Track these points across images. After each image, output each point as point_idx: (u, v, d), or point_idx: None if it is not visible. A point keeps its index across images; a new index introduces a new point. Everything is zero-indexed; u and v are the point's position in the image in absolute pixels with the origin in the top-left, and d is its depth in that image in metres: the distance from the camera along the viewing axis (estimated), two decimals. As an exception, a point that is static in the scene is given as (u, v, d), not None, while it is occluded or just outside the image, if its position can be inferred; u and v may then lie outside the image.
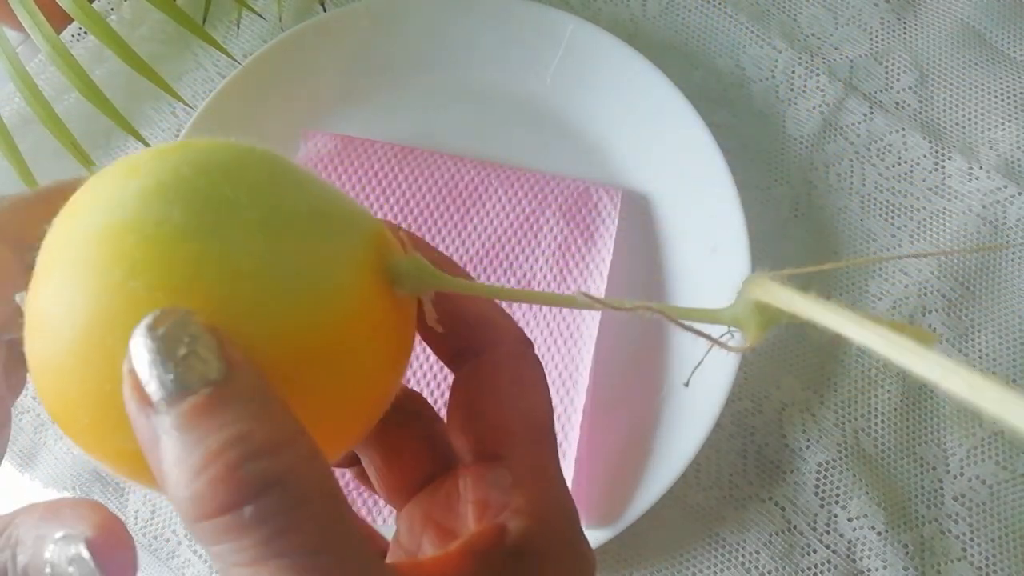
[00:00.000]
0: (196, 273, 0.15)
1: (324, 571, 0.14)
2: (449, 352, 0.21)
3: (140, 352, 0.14)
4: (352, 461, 0.23)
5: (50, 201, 0.17)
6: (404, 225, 0.41)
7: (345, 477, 0.38)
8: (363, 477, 0.23)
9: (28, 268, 0.16)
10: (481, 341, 0.20)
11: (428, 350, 0.39)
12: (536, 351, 0.20)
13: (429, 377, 0.39)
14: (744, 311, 0.16)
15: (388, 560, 0.21)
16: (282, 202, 0.16)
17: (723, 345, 0.16)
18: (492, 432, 0.19)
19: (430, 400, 0.39)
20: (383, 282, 0.17)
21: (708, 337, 0.16)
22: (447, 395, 0.39)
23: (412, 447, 0.21)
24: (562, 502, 0.19)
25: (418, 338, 0.20)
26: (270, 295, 0.15)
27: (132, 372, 0.14)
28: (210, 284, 0.15)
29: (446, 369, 0.39)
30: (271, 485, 0.13)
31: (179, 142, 0.17)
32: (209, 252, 0.15)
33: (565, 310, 0.40)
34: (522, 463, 0.19)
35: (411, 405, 0.21)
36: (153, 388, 0.14)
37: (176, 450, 0.14)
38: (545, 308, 0.40)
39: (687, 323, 0.16)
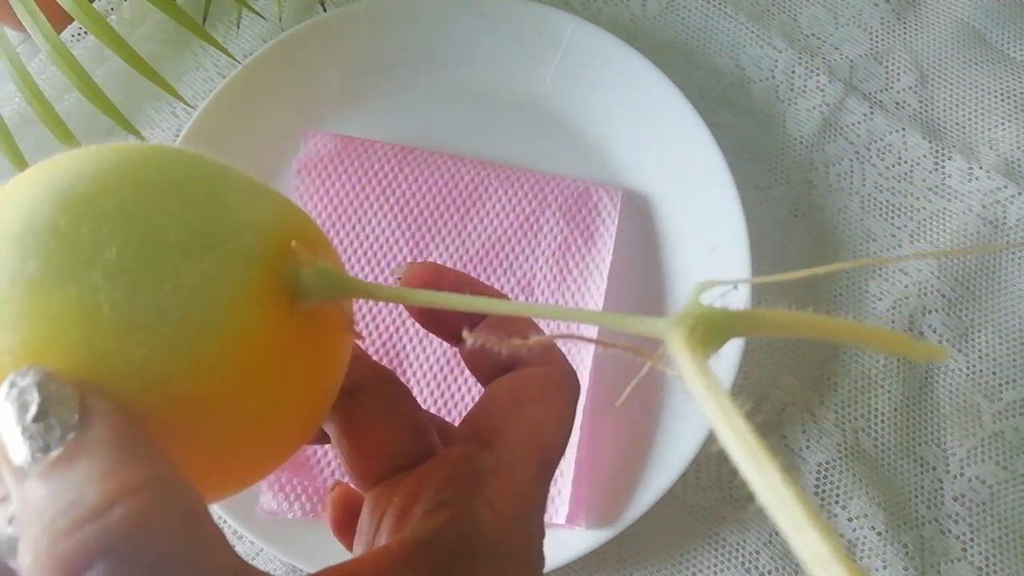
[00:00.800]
0: (56, 330, 0.13)
1: None
2: (494, 370, 0.20)
3: (1, 419, 0.13)
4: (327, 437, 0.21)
5: None
6: (404, 225, 0.41)
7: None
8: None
9: None
10: (531, 361, 0.19)
11: (424, 347, 0.39)
12: None
13: (429, 377, 0.39)
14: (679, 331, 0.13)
15: (355, 549, 0.20)
16: (147, 230, 0.14)
17: (656, 363, 0.14)
18: (494, 425, 0.18)
19: (430, 401, 0.39)
20: (281, 298, 0.15)
21: (640, 354, 0.14)
22: (446, 397, 0.39)
23: (381, 426, 0.20)
24: (533, 508, 0.18)
25: (411, 336, 0.20)
26: (136, 345, 0.14)
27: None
28: (71, 341, 0.13)
29: (445, 369, 0.39)
30: (98, 556, 0.11)
31: (49, 163, 0.16)
32: (67, 305, 0.13)
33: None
34: (509, 461, 0.18)
35: (379, 383, 0.20)
36: (15, 453, 0.12)
37: (24, 527, 0.12)
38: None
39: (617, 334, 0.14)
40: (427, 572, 0.15)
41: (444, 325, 0.20)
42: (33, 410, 0.13)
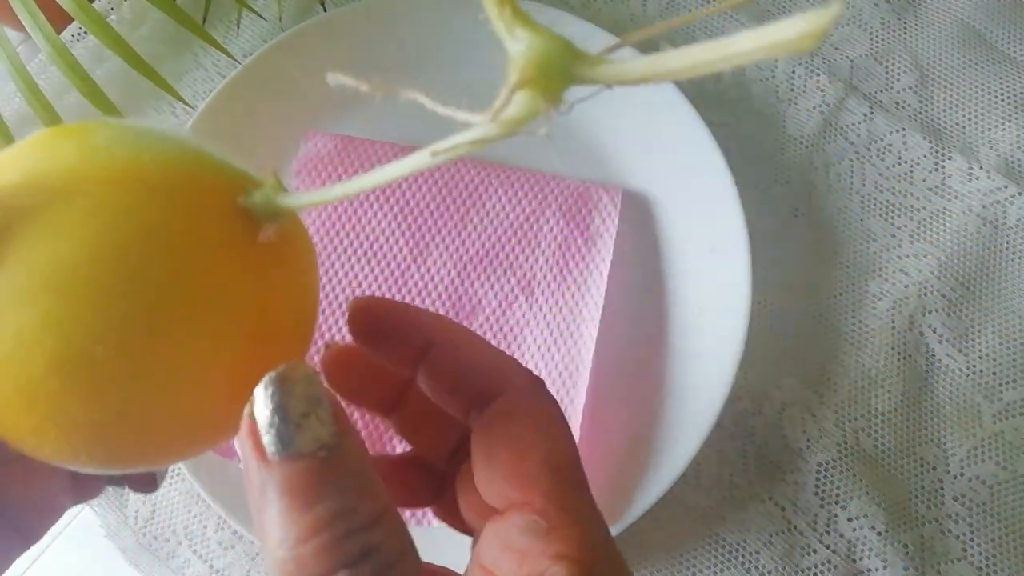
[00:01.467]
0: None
1: None
2: (462, 405, 0.20)
3: (263, 402, 0.14)
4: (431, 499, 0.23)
5: None
6: (404, 225, 0.41)
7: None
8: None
9: None
10: (491, 388, 0.20)
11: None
12: (537, 351, 0.20)
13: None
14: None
15: None
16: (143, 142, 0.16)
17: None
18: (515, 479, 0.19)
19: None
20: (228, 198, 0.16)
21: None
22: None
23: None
24: (602, 541, 0.19)
25: None
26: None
27: (251, 418, 0.15)
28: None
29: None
30: (367, 554, 0.14)
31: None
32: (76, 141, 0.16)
33: (566, 311, 0.40)
34: (552, 506, 0.18)
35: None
36: (268, 440, 0.14)
37: (284, 511, 0.14)
38: (545, 308, 0.40)
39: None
40: None
41: (398, 356, 0.21)
42: (304, 409, 0.14)
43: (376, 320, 0.21)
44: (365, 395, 0.21)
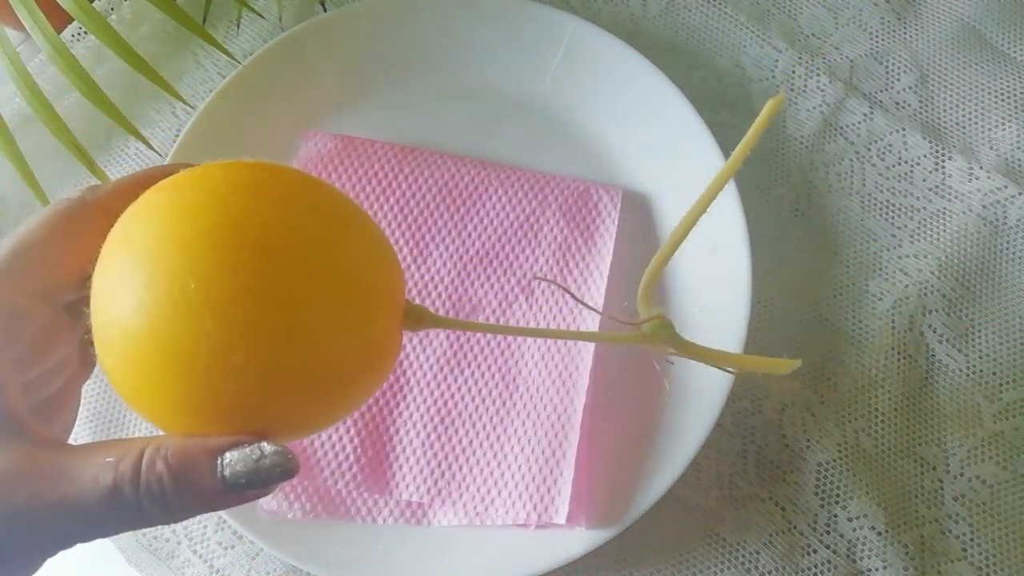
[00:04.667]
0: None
1: None
2: None
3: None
4: None
5: (145, 185, 0.23)
6: (404, 225, 0.41)
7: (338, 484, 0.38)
8: None
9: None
10: None
11: (425, 347, 0.39)
12: (537, 352, 0.21)
13: (430, 377, 0.39)
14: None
15: None
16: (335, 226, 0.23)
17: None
18: None
19: (430, 401, 0.39)
20: (397, 315, 0.24)
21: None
22: (446, 397, 0.39)
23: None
24: None
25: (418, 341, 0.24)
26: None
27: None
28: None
29: (446, 369, 0.39)
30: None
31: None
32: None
33: (566, 310, 0.40)
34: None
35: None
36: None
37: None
38: (545, 308, 0.40)
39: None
40: None
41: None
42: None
43: None
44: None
